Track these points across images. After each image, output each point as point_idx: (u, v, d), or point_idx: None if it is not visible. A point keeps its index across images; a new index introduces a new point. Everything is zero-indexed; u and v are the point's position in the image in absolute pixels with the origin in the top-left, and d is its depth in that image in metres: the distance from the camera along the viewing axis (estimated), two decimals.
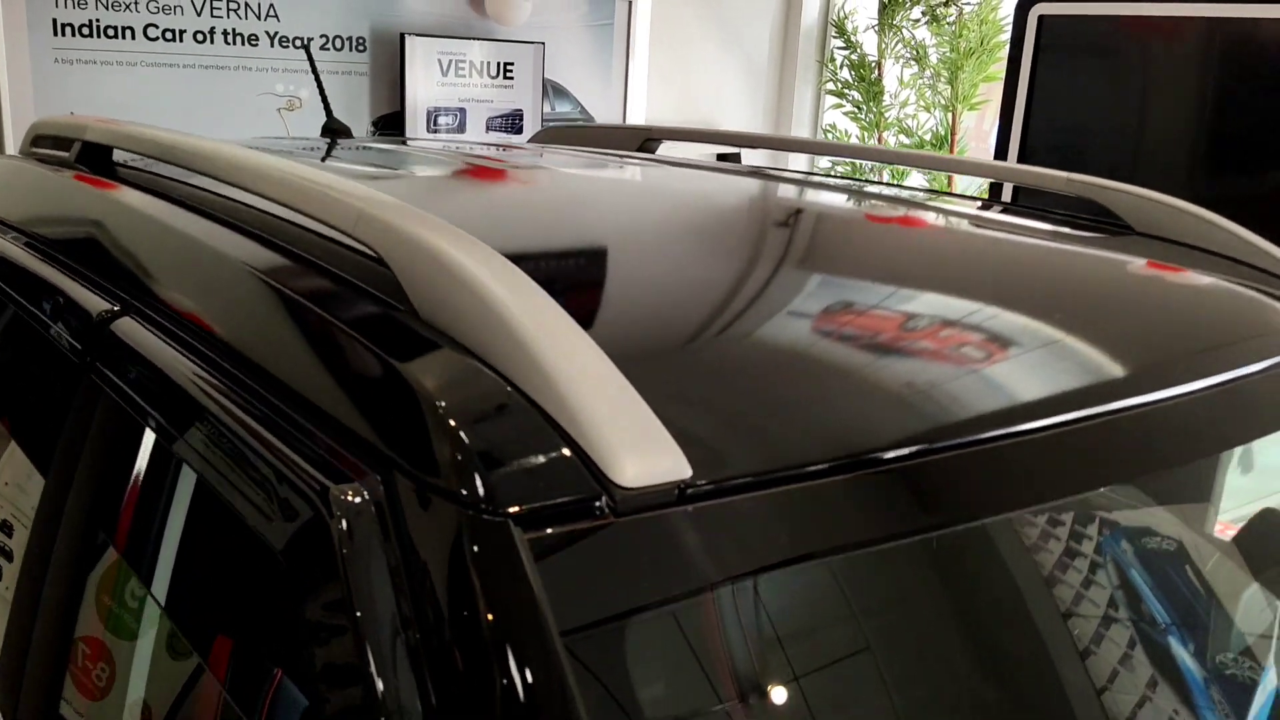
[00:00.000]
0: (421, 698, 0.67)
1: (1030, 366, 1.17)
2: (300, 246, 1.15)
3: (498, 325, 0.82)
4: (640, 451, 0.75)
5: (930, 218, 1.87)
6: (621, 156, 2.32)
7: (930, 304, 1.32)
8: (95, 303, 1.18)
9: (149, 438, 1.04)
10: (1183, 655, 1.24)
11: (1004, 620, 1.22)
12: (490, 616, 0.68)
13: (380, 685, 0.68)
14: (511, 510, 0.71)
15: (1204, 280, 1.51)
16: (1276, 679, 1.26)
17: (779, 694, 0.87)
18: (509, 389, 0.79)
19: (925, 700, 1.01)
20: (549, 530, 0.72)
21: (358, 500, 0.73)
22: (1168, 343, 1.32)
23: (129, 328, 1.10)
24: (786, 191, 2.08)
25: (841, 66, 6.92)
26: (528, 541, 0.70)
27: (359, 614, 0.70)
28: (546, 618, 0.68)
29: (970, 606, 1.18)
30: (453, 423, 0.76)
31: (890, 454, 0.89)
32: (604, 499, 0.73)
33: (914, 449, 0.91)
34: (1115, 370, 1.22)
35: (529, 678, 0.66)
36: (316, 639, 0.75)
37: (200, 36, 5.23)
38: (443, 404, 0.78)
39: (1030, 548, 1.37)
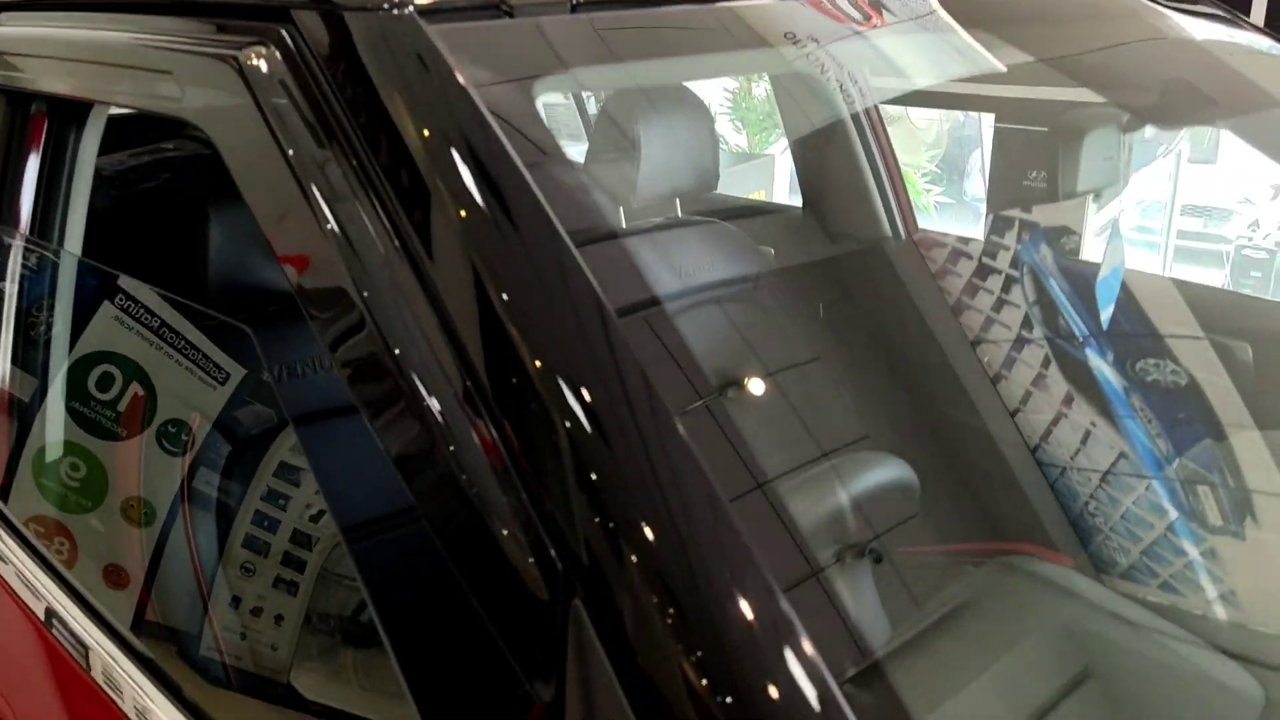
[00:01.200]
0: (375, 208, 0.69)
1: None
2: None
3: None
4: None
5: None
6: None
7: None
8: None
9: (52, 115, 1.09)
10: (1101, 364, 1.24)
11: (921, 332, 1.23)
12: (413, 99, 0.72)
13: (331, 211, 0.70)
14: (417, 5, 0.76)
15: None
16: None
17: None
18: None
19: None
20: (453, 25, 0.77)
21: (263, 62, 0.76)
22: None
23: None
24: None
25: None
26: (437, 32, 0.74)
27: (294, 156, 0.72)
28: (466, 90, 0.72)
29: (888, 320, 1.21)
30: None
31: None
32: (502, 4, 0.80)
33: None
34: None
35: (459, 130, 0.71)
36: (260, 206, 0.77)
37: None
38: None
39: (941, 271, 1.36)
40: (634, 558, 0.57)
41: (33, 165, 1.10)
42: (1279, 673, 1.02)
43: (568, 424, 0.61)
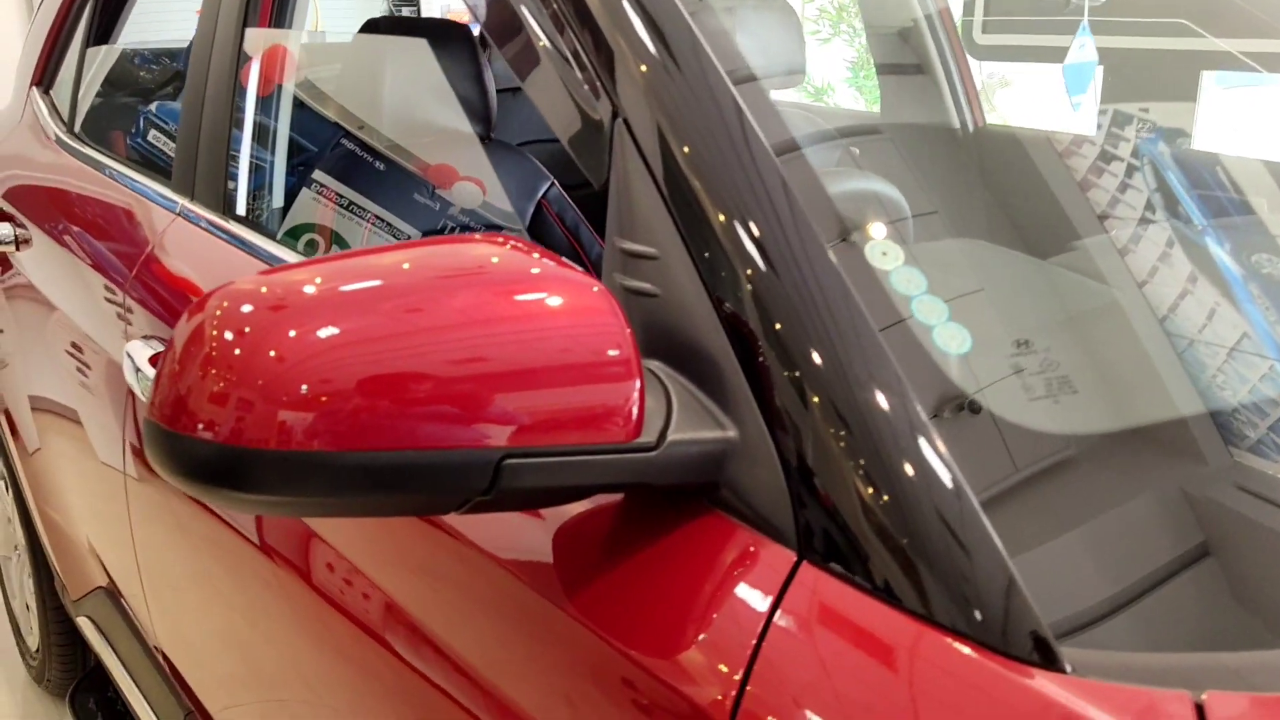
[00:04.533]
0: None
1: None
2: None
3: None
4: None
5: None
6: None
7: None
8: None
9: None
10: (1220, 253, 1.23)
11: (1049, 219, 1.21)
12: None
13: None
14: None
15: None
16: None
17: None
18: None
19: None
20: None
21: None
22: None
23: None
24: None
25: None
26: None
27: None
28: None
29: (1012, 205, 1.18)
30: None
31: None
32: None
33: None
34: None
35: None
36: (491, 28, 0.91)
37: None
38: None
39: (1065, 151, 1.35)
40: (815, 398, 0.66)
41: None
42: None
43: (749, 271, 0.68)
